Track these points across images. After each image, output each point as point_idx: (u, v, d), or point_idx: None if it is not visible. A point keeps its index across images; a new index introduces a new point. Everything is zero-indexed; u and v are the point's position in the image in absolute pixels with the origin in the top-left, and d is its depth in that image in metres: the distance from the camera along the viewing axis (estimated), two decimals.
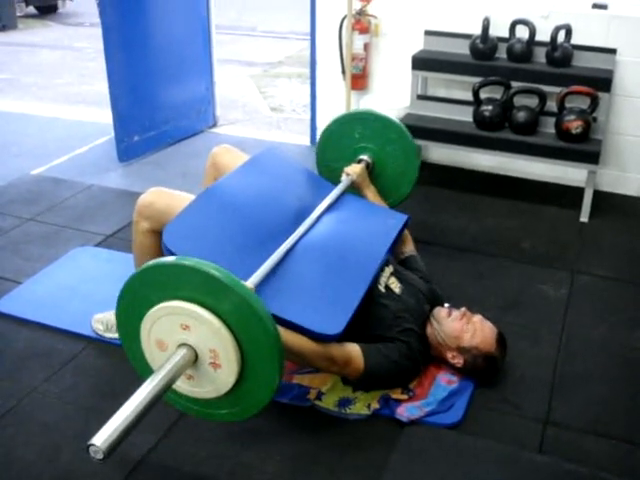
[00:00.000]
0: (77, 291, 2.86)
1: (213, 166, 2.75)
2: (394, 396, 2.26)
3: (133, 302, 1.83)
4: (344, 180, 2.82)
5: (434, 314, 2.40)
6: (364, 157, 2.99)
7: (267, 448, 2.10)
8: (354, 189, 2.86)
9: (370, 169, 2.97)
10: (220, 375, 1.74)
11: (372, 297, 2.32)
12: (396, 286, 2.42)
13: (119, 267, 3.01)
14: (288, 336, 2.03)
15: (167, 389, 1.70)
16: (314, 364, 2.15)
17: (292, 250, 2.29)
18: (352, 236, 2.50)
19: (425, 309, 2.42)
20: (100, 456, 1.53)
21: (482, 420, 2.22)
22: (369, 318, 2.29)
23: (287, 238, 2.30)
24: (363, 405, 2.24)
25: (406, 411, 2.20)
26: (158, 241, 2.29)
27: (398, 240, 2.73)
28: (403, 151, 2.98)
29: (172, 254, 2.07)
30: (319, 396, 2.26)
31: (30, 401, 2.28)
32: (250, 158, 2.66)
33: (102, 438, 1.54)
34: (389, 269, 2.48)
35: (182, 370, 1.74)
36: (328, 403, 2.25)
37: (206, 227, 2.22)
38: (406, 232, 2.82)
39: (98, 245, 3.27)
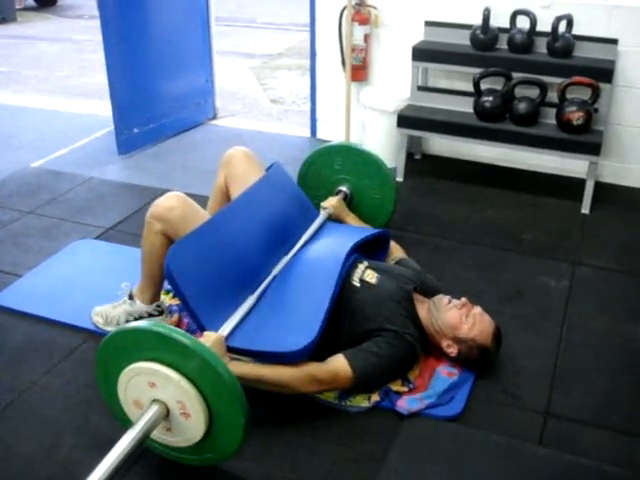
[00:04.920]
0: (77, 284, 2.85)
1: (226, 167, 2.76)
2: (394, 388, 2.26)
3: (107, 369, 1.95)
4: (322, 214, 2.88)
5: (434, 301, 2.39)
6: (342, 188, 3.11)
7: (267, 440, 2.10)
8: (334, 219, 2.92)
9: (348, 200, 3.08)
10: (192, 424, 1.84)
11: (347, 297, 2.32)
12: (372, 277, 2.41)
13: (119, 260, 3.01)
14: (265, 370, 2.10)
15: (143, 442, 1.80)
16: (303, 391, 2.15)
17: (267, 289, 2.39)
18: (321, 255, 2.54)
19: (408, 289, 2.41)
20: None
21: (482, 412, 2.22)
22: (349, 319, 2.29)
23: (266, 276, 2.42)
24: (363, 397, 2.24)
25: (406, 403, 2.20)
26: (167, 244, 2.33)
27: (382, 252, 2.77)
28: (380, 183, 3.09)
29: (170, 276, 2.16)
30: None
31: (30, 394, 2.28)
32: (260, 180, 2.67)
33: None
34: (363, 265, 2.47)
35: (156, 423, 1.84)
36: (328, 395, 2.24)
37: (204, 259, 2.29)
38: (393, 243, 2.85)
39: (98, 238, 3.27)
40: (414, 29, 3.97)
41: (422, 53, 3.83)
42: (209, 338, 2.03)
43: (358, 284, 2.37)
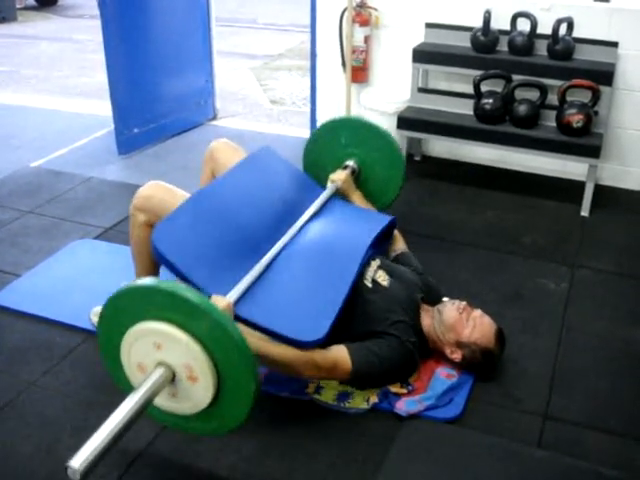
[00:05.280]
0: (76, 284, 2.85)
1: (211, 160, 2.76)
2: (393, 390, 2.26)
3: (110, 329, 1.86)
4: (329, 187, 2.84)
5: (438, 307, 2.39)
6: (350, 163, 3.00)
7: (266, 442, 2.09)
8: (340, 195, 2.87)
9: (356, 175, 2.99)
10: (199, 389, 1.76)
11: (358, 294, 2.32)
12: (384, 279, 2.40)
13: (118, 260, 3.01)
14: (269, 346, 2.06)
15: (145, 408, 1.72)
16: (299, 373, 2.14)
17: (274, 259, 2.31)
18: (334, 239, 2.51)
19: (416, 298, 2.41)
20: (77, 477, 1.53)
21: (481, 414, 2.21)
22: (357, 315, 2.29)
23: (272, 246, 2.33)
24: (362, 399, 2.24)
25: (405, 405, 2.20)
26: None
27: (386, 240, 2.74)
28: (389, 157, 3.01)
29: (159, 254, 2.10)
30: (318, 390, 2.26)
31: (28, 394, 2.28)
32: (246, 157, 2.65)
33: (80, 460, 1.55)
34: (376, 263, 2.47)
35: (160, 388, 1.76)
36: (327, 397, 2.24)
37: (195, 231, 2.23)
38: (396, 232, 2.83)
39: (97, 238, 3.27)
40: (415, 31, 3.97)
41: (422, 55, 3.83)
42: (218, 301, 1.93)
43: (370, 284, 2.37)
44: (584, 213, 3.58)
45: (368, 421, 2.18)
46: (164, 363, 1.77)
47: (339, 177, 2.88)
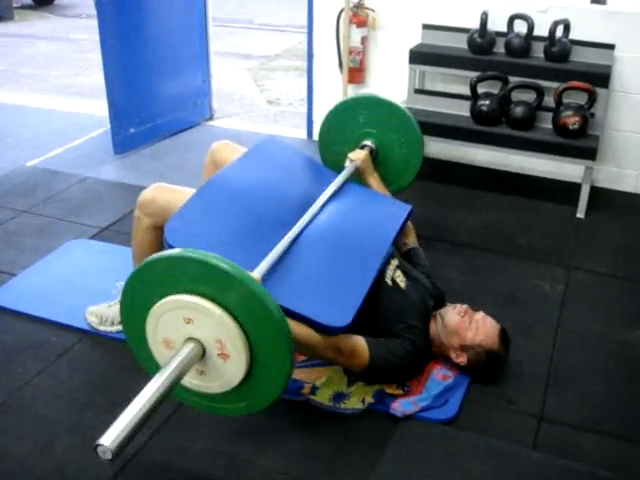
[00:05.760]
0: (71, 284, 2.85)
1: (212, 162, 2.74)
2: (389, 391, 2.26)
3: (135, 303, 1.79)
4: (348, 166, 2.78)
5: (441, 312, 2.40)
6: (368, 143, 2.94)
7: (262, 443, 2.09)
8: (357, 175, 2.84)
9: (374, 155, 2.93)
10: (230, 366, 1.69)
11: (379, 290, 2.31)
12: (402, 280, 2.41)
13: (114, 260, 3.00)
14: (295, 327, 2.00)
15: (175, 385, 1.66)
16: (321, 355, 2.14)
17: (297, 240, 2.25)
18: (357, 226, 2.48)
19: (429, 305, 2.42)
20: (109, 456, 1.48)
21: (477, 416, 2.22)
22: (375, 311, 2.28)
23: (291, 228, 2.27)
24: (357, 400, 2.24)
25: (401, 406, 2.20)
26: (160, 237, 2.30)
27: (401, 231, 2.70)
28: (407, 138, 2.94)
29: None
30: (313, 390, 2.26)
31: (23, 394, 2.27)
32: (250, 148, 2.64)
33: (110, 438, 1.49)
34: (394, 262, 2.47)
35: (190, 364, 1.69)
36: (322, 397, 2.24)
37: (208, 221, 2.20)
38: (409, 224, 2.79)
39: (93, 238, 3.26)
40: (411, 32, 3.97)
41: (419, 56, 3.84)
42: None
43: (390, 282, 2.37)
44: (580, 215, 3.58)
45: (364, 422, 2.18)
46: (194, 338, 1.70)
47: (358, 156, 2.83)
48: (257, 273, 1.98)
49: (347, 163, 2.81)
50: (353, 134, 2.98)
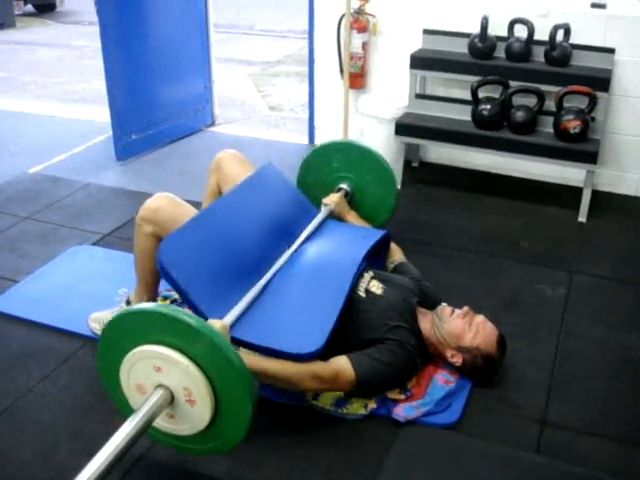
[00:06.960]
0: (74, 290, 2.85)
1: (217, 170, 2.77)
2: (391, 396, 2.26)
3: (110, 351, 1.88)
4: (323, 210, 2.87)
5: (437, 311, 2.39)
6: (343, 186, 3.05)
7: (264, 447, 2.09)
8: (335, 217, 2.90)
9: (349, 197, 3.04)
10: (197, 411, 1.79)
11: (352, 306, 2.32)
12: (378, 288, 2.41)
13: (116, 266, 3.01)
14: (270, 363, 2.08)
15: (147, 428, 1.75)
16: (303, 386, 2.14)
17: (270, 281, 2.36)
18: (328, 257, 2.53)
19: (412, 302, 2.41)
20: None
21: (479, 420, 2.21)
22: (352, 327, 2.29)
23: (271, 265, 2.39)
24: (360, 405, 2.24)
25: (403, 411, 2.20)
26: (157, 246, 2.30)
27: (382, 255, 2.76)
28: (381, 179, 3.04)
29: (163, 268, 2.13)
30: (316, 396, 2.26)
31: (26, 400, 2.28)
32: (250, 176, 2.67)
33: (84, 478, 1.57)
34: (368, 274, 2.47)
35: (160, 409, 1.78)
36: (325, 402, 2.24)
37: (199, 250, 2.27)
38: (393, 245, 2.84)
39: (95, 244, 3.27)
40: (412, 37, 3.98)
41: (420, 61, 3.84)
42: (214, 325, 1.94)
43: (364, 294, 2.37)
44: (581, 219, 3.59)
45: (366, 427, 2.18)
46: (163, 385, 1.80)
47: (331, 200, 2.91)
48: (226, 319, 2.09)
49: (322, 207, 2.90)
50: (329, 178, 3.09)
